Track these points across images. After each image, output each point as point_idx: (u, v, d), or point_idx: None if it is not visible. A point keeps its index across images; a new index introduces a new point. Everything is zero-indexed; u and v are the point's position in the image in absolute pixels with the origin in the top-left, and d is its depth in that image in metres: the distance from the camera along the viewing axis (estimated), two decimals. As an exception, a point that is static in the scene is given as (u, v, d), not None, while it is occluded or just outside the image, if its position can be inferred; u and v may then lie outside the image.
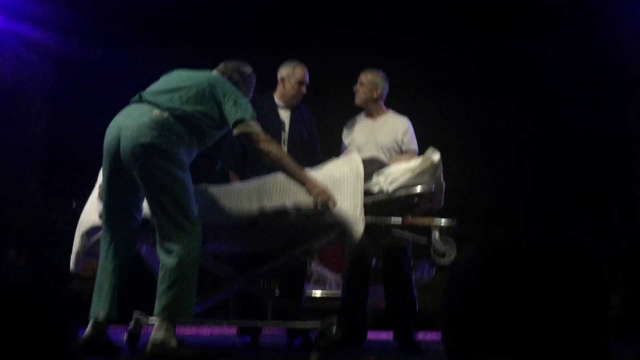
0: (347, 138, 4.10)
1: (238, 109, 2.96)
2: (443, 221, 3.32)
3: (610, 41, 6.60)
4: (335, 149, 4.16)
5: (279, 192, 3.06)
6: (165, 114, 2.87)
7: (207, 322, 3.59)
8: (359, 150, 3.93)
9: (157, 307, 2.78)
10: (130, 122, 2.87)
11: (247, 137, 2.99)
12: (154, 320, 3.13)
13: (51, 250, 6.48)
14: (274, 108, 3.94)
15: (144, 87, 3.17)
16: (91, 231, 3.31)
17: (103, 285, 2.98)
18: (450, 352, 0.83)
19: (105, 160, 2.94)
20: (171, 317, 2.76)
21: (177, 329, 2.78)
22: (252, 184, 3.20)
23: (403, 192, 3.25)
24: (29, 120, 7.27)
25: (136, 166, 2.81)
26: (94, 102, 7.32)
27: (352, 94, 4.07)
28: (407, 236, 3.38)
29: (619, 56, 6.74)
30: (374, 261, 4.84)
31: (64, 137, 7.29)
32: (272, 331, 5.07)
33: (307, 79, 3.97)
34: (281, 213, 3.03)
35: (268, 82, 4.05)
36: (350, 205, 3.00)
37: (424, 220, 3.39)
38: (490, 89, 6.88)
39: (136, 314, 3.34)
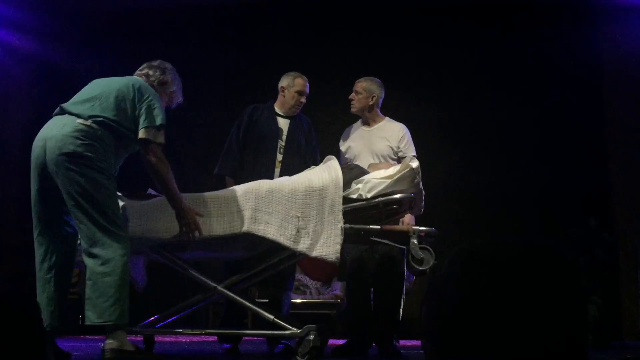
0: (343, 146, 4.12)
1: (149, 114, 2.99)
2: (421, 228, 3.34)
3: (589, 45, 6.69)
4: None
5: (270, 224, 3.14)
6: (88, 122, 2.92)
7: (185, 331, 3.55)
8: (356, 158, 3.97)
9: (91, 315, 2.81)
10: (54, 133, 2.91)
11: (145, 143, 3.01)
12: (131, 329, 3.14)
13: (29, 260, 6.37)
14: (272, 116, 4.00)
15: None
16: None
17: (41, 296, 2.97)
18: (431, 359, 0.82)
19: (33, 172, 2.99)
20: (113, 322, 2.79)
21: (156, 337, 2.77)
22: (219, 198, 3.23)
23: (382, 199, 3.26)
24: (7, 127, 7.17)
25: (60, 175, 2.86)
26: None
27: (348, 102, 4.10)
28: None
29: (597, 62, 6.84)
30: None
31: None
32: (253, 338, 5.03)
33: (307, 89, 4.03)
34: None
35: (266, 89, 4.10)
36: (327, 226, 3.07)
37: (402, 228, 3.41)
38: (463, 92, 6.93)
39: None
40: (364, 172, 3.49)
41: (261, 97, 4.44)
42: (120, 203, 3.16)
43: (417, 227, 3.35)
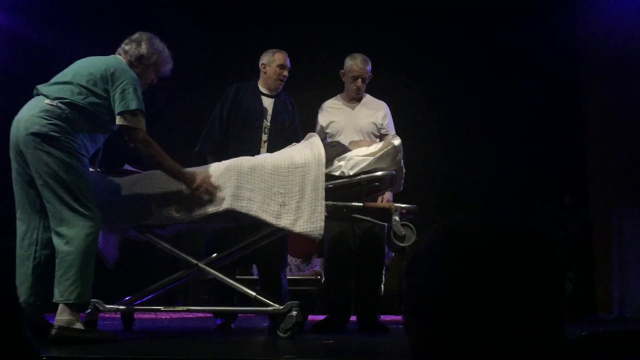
0: (324, 120, 4.08)
1: (123, 99, 2.97)
2: (403, 205, 3.37)
3: (566, 29, 6.73)
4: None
5: (252, 201, 3.14)
6: (55, 103, 2.92)
7: (165, 308, 3.56)
8: (339, 133, 3.97)
9: (56, 293, 2.84)
10: (24, 114, 2.96)
11: (126, 130, 3.02)
12: (110, 307, 3.14)
13: (5, 235, 6.31)
14: (257, 95, 3.98)
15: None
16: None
17: (19, 272, 2.98)
18: (412, 334, 0.84)
19: (10, 153, 3.00)
20: (72, 301, 2.81)
21: (136, 315, 2.76)
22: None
23: (364, 177, 3.28)
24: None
25: (28, 154, 2.89)
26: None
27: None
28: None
29: (574, 46, 6.89)
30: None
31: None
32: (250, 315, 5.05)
33: (288, 63, 4.00)
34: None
35: (250, 69, 4.05)
36: (310, 202, 3.09)
37: (384, 204, 3.43)
38: (443, 73, 6.95)
39: (93, 302, 3.30)
40: (346, 149, 3.50)
41: (245, 76, 4.39)
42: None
43: (399, 204, 3.37)
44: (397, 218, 3.27)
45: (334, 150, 3.43)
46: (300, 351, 2.85)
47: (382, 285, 3.99)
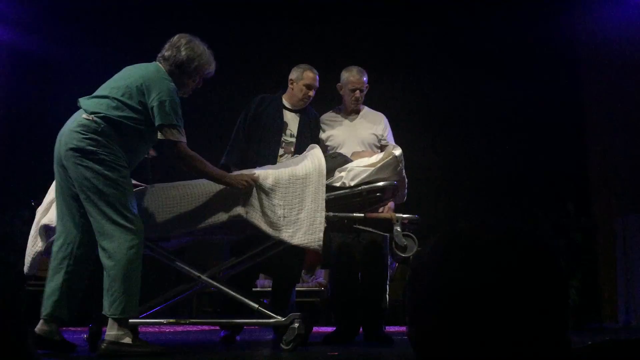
0: (324, 134, 4.09)
1: (160, 112, 2.97)
2: (404, 216, 3.36)
3: (566, 30, 6.73)
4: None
5: (252, 213, 3.15)
6: (90, 117, 2.94)
7: (169, 321, 3.54)
8: (340, 146, 3.97)
9: (105, 306, 2.86)
10: (65, 129, 3.00)
11: (167, 144, 3.04)
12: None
13: (7, 251, 6.31)
14: (279, 109, 3.96)
15: (99, 82, 3.18)
16: (51, 230, 3.26)
17: (48, 285, 3.00)
18: (416, 345, 0.83)
19: (54, 166, 3.04)
20: (117, 315, 2.83)
21: (140, 328, 2.76)
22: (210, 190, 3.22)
23: (365, 187, 3.28)
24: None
25: (70, 169, 2.92)
26: (49, 97, 7.15)
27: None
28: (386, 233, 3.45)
29: (574, 49, 6.89)
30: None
31: (20, 134, 7.10)
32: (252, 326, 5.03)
33: (316, 83, 3.97)
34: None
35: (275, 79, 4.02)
36: (309, 214, 3.09)
37: (385, 215, 3.42)
38: (441, 80, 6.95)
39: (96, 314, 3.30)
40: (347, 160, 3.50)
41: (270, 86, 4.36)
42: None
43: (400, 215, 3.37)
44: (398, 228, 3.27)
45: (335, 161, 3.43)
46: (304, 363, 2.83)
47: (387, 296, 3.98)
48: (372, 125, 4.04)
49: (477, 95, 6.87)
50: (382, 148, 3.94)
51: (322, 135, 4.10)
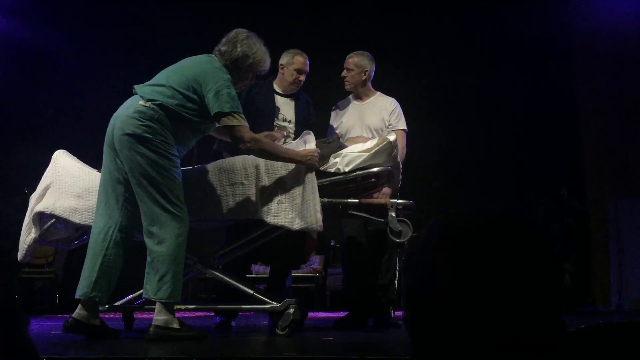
0: (335, 121, 4.11)
1: (217, 101, 2.99)
2: (399, 201, 3.37)
3: (559, 16, 6.73)
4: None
5: (249, 203, 3.17)
6: (147, 104, 2.98)
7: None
8: (348, 132, 3.98)
9: (150, 291, 2.93)
10: (120, 113, 3.03)
11: (230, 130, 3.05)
12: (111, 307, 3.16)
13: (1, 238, 6.30)
14: (270, 94, 3.95)
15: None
16: (45, 217, 3.25)
17: (86, 264, 3.03)
18: (411, 330, 0.84)
19: (104, 149, 3.08)
20: (165, 299, 2.90)
21: (136, 314, 2.77)
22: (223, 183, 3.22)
23: (360, 173, 3.28)
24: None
25: (122, 154, 2.97)
26: (42, 85, 7.11)
27: (338, 79, 4.07)
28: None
29: (567, 36, 6.89)
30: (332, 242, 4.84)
31: (13, 121, 7.05)
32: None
33: (306, 67, 3.96)
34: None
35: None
36: (307, 198, 3.11)
37: (380, 201, 3.43)
38: (435, 66, 6.94)
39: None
40: (341, 146, 3.50)
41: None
42: None
43: (395, 200, 3.37)
44: (393, 214, 3.28)
45: (330, 146, 3.43)
46: (300, 348, 2.85)
47: (396, 282, 4.00)
48: (380, 110, 4.02)
49: (471, 84, 6.86)
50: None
51: (333, 123, 4.13)
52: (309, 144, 3.32)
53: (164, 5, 6.92)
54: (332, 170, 3.32)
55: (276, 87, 3.99)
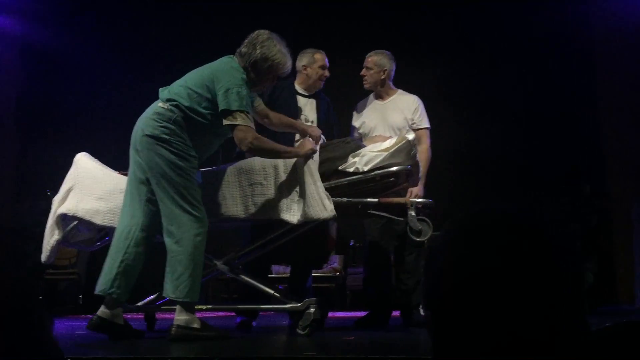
0: (357, 121, 4.11)
1: (225, 98, 3.00)
2: (419, 200, 3.35)
3: (580, 12, 6.65)
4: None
5: (269, 204, 3.19)
6: (166, 105, 3.03)
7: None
8: (370, 132, 3.98)
9: (169, 290, 2.96)
10: (143, 115, 3.11)
11: (232, 129, 3.05)
12: (133, 307, 3.20)
13: (25, 240, 6.39)
14: (292, 95, 3.96)
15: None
16: (68, 219, 3.29)
17: (107, 261, 3.08)
18: (432, 329, 0.84)
19: (130, 150, 3.14)
20: (182, 298, 2.93)
21: (158, 315, 2.79)
22: (240, 183, 3.24)
23: (379, 172, 3.27)
24: (-3, 109, 7.11)
25: (143, 155, 3.02)
26: (62, 88, 7.19)
27: (357, 78, 4.08)
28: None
29: (588, 31, 6.81)
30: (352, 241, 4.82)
31: (35, 124, 7.15)
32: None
33: (327, 63, 3.99)
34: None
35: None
36: (311, 190, 3.12)
37: (399, 200, 3.42)
38: (453, 62, 6.89)
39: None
40: (360, 145, 3.49)
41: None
42: None
43: (415, 199, 3.36)
44: (413, 213, 3.26)
45: (348, 146, 3.43)
46: (321, 348, 2.85)
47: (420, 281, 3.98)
48: (402, 109, 4.01)
49: (492, 80, 6.80)
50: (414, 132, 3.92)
51: (355, 123, 4.13)
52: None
53: (187, 5, 6.97)
54: (351, 169, 3.32)
55: (298, 88, 4.00)
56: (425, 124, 4.01)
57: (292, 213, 3.15)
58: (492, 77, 6.79)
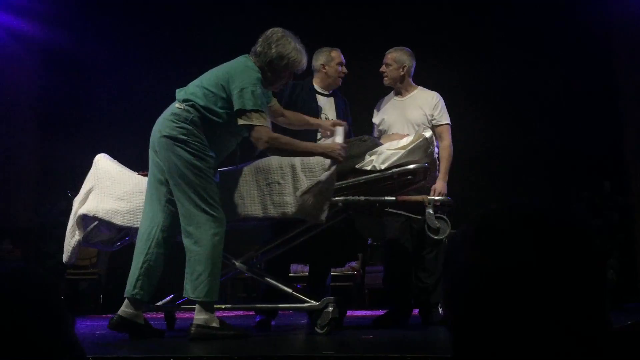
0: (377, 118, 4.11)
1: (240, 98, 3.01)
2: (436, 198, 3.34)
3: (598, 6, 6.57)
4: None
5: (287, 202, 3.19)
6: (182, 106, 3.05)
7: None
8: (390, 128, 3.96)
9: (189, 290, 2.98)
10: (160, 117, 3.13)
11: (248, 129, 3.06)
12: (153, 307, 3.23)
13: (46, 241, 6.47)
14: (312, 94, 3.97)
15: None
16: (88, 219, 3.32)
17: (133, 265, 3.10)
18: (452, 328, 0.83)
19: (149, 152, 3.16)
20: (201, 298, 2.95)
21: (178, 314, 2.81)
22: (256, 182, 3.25)
23: (396, 170, 3.26)
24: (18, 112, 7.21)
25: (161, 155, 3.04)
26: (81, 90, 7.28)
27: (377, 75, 4.08)
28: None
29: (607, 25, 6.72)
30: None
31: (56, 127, 7.24)
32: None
33: (344, 60, 4.01)
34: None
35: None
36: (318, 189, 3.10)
37: (417, 198, 3.40)
38: (474, 58, 6.85)
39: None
40: (377, 143, 3.49)
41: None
42: None
43: (432, 197, 3.35)
44: (430, 211, 3.24)
45: (365, 144, 3.42)
46: (339, 347, 2.85)
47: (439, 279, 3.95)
48: (422, 105, 3.99)
49: (510, 75, 6.75)
50: (433, 128, 3.90)
51: (375, 120, 4.13)
52: (338, 136, 3.33)
53: (204, 7, 7.01)
54: (368, 168, 3.31)
55: (317, 87, 4.01)
56: (446, 120, 3.98)
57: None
58: (511, 75, 6.74)
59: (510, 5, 6.67)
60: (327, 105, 3.98)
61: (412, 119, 3.94)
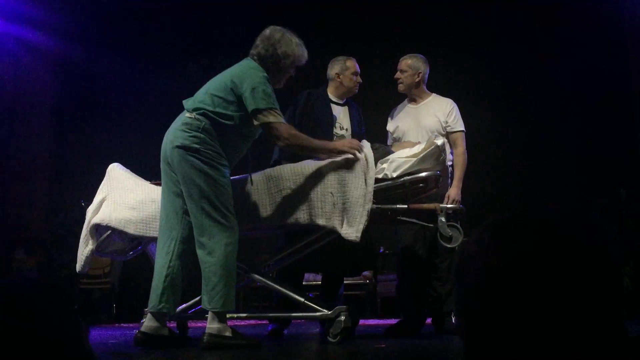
0: (391, 125, 4.11)
1: (253, 98, 3.02)
2: (449, 206, 3.32)
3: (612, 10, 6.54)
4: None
5: (300, 209, 3.18)
6: (192, 115, 3.04)
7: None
8: (404, 135, 3.96)
9: (206, 302, 2.98)
10: (171, 128, 3.12)
11: (266, 127, 3.06)
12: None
13: (60, 251, 6.52)
14: (327, 103, 3.98)
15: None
16: (101, 229, 3.34)
17: (155, 279, 3.10)
18: (465, 337, 0.82)
19: (161, 165, 3.15)
20: (218, 309, 2.94)
21: (190, 323, 2.81)
22: (273, 190, 3.25)
23: (408, 178, 3.25)
24: (33, 122, 7.29)
25: (174, 166, 3.03)
26: (97, 102, 7.35)
27: (391, 83, 4.09)
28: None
29: (622, 31, 6.68)
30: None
31: (69, 137, 7.31)
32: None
33: (359, 69, 4.02)
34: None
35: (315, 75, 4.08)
36: (354, 205, 3.07)
37: (429, 206, 3.39)
38: (488, 61, 6.83)
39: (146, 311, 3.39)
40: (388, 151, 3.48)
41: (318, 78, 4.36)
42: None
43: (445, 205, 3.33)
44: (443, 219, 3.23)
45: (377, 152, 3.41)
46: (352, 356, 2.84)
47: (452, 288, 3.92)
48: (436, 112, 3.98)
49: (524, 79, 6.73)
50: (447, 135, 3.90)
51: (389, 127, 4.13)
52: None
53: (213, 16, 7.06)
54: (380, 176, 3.30)
55: (331, 97, 4.01)
56: (460, 126, 3.96)
57: (331, 219, 3.14)
58: (524, 76, 6.71)
59: (517, 8, 6.64)
60: (342, 115, 3.98)
61: (426, 126, 3.92)
